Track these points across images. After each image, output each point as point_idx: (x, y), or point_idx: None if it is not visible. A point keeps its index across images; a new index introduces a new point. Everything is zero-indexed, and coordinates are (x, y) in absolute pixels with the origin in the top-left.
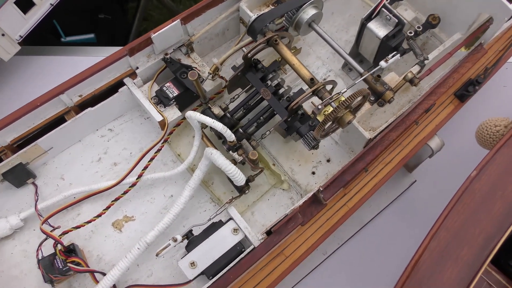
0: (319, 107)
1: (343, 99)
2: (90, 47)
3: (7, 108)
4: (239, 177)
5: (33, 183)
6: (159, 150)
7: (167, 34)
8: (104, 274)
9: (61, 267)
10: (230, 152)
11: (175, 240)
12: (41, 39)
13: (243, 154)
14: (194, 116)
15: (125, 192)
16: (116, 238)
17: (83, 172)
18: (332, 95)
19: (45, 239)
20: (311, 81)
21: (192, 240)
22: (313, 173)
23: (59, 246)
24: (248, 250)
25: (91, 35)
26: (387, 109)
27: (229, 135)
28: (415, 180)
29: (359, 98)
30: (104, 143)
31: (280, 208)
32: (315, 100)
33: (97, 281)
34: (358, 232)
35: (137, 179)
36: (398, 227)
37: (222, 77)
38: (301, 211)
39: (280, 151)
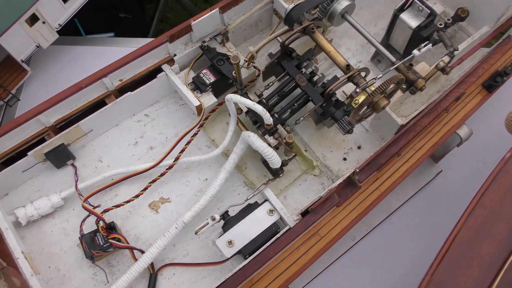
0: (357, 90)
1: (372, 89)
2: (122, 38)
3: (42, 94)
4: (276, 160)
5: (73, 165)
6: (195, 134)
7: (205, 22)
8: (142, 252)
9: (101, 243)
10: (266, 136)
11: (214, 219)
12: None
13: (278, 137)
14: (235, 98)
15: (162, 174)
16: (153, 218)
17: (121, 155)
18: (368, 80)
19: (87, 216)
20: (347, 68)
21: (228, 220)
22: (345, 159)
23: (101, 223)
24: (284, 230)
25: (111, 34)
26: (416, 99)
27: (268, 118)
28: (441, 170)
29: (393, 85)
30: (140, 128)
31: (312, 193)
32: (347, 89)
33: (135, 259)
34: (386, 219)
35: (174, 161)
36: (424, 216)
37: (255, 67)
38: (337, 192)
39: (312, 138)
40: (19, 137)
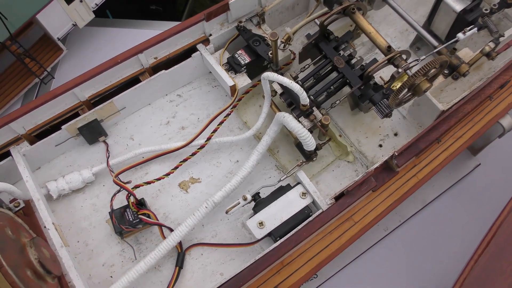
0: (400, 70)
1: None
2: (155, 21)
3: (76, 73)
4: (311, 141)
5: (104, 142)
6: (228, 114)
7: (243, 1)
8: (171, 230)
9: (131, 219)
10: (300, 118)
11: (245, 199)
12: None
13: (314, 119)
14: (271, 76)
15: (193, 154)
16: (182, 198)
17: (152, 134)
18: (410, 62)
19: (118, 191)
20: (388, 49)
21: (259, 202)
22: (380, 145)
23: (131, 198)
24: (317, 213)
25: None
26: (457, 87)
27: (304, 98)
28: (479, 164)
29: (434, 69)
30: (172, 108)
31: (345, 179)
32: (384, 75)
33: (164, 236)
34: (420, 211)
35: (206, 141)
36: (459, 210)
37: (291, 50)
38: (374, 176)
39: (347, 123)
40: (54, 110)
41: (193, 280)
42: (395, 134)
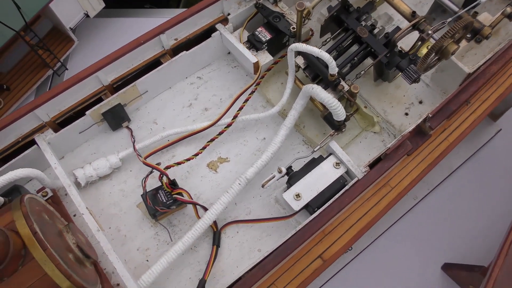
0: (429, 32)
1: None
2: (165, 9)
3: (87, 64)
4: (341, 111)
5: (127, 127)
6: (252, 92)
7: None
8: (205, 209)
9: (164, 200)
10: (328, 90)
11: (280, 171)
12: None
13: (342, 89)
14: (301, 46)
15: (220, 133)
16: (212, 178)
17: (175, 117)
18: (436, 25)
19: (150, 172)
20: (413, 15)
21: (293, 175)
22: (406, 114)
23: (164, 179)
24: (353, 181)
25: None
26: (477, 52)
27: (334, 66)
28: (501, 129)
29: (461, 30)
30: (193, 90)
31: (373, 150)
32: (404, 46)
33: (198, 216)
34: (447, 179)
35: (232, 119)
36: (485, 176)
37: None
38: (408, 139)
39: (371, 94)
40: (77, 96)
41: (231, 258)
42: (420, 102)
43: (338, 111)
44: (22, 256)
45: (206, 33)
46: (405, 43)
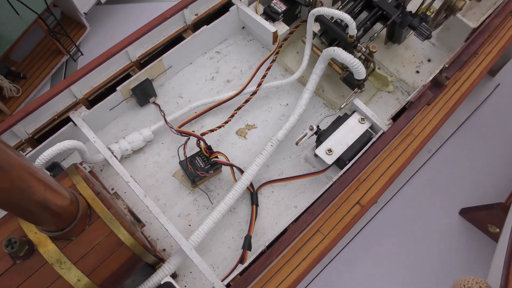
0: None
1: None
2: None
3: (100, 51)
4: (362, 69)
5: (154, 103)
6: (273, 60)
7: None
8: (241, 171)
9: (202, 165)
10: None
11: (312, 129)
12: None
13: (361, 50)
14: (323, 10)
15: (246, 101)
16: (242, 144)
17: (199, 90)
18: None
19: (188, 139)
20: None
21: (322, 133)
22: (417, 72)
23: (202, 144)
24: (379, 133)
25: None
26: (476, 11)
27: (354, 27)
28: (499, 84)
29: None
30: (214, 64)
31: (389, 107)
32: (409, 7)
33: (235, 179)
34: (456, 131)
35: (257, 87)
36: (489, 129)
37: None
38: (429, 89)
39: (383, 56)
40: (107, 73)
41: (270, 216)
42: (429, 60)
43: (360, 69)
44: (88, 216)
45: (222, 9)
46: (411, 6)
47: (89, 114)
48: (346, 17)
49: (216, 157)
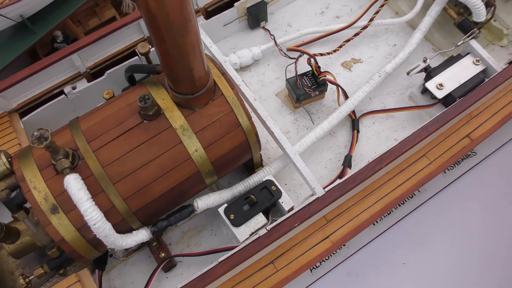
0: None
1: None
2: None
3: None
4: (483, 10)
5: (264, 28)
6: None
7: None
8: (346, 97)
9: (309, 84)
10: None
11: (425, 61)
12: None
13: None
14: None
15: (356, 34)
16: (347, 75)
17: (309, 22)
18: None
19: (299, 56)
20: None
21: (432, 69)
22: None
23: (312, 61)
24: (495, 74)
25: None
26: None
27: None
28: None
29: None
30: (324, 0)
31: (501, 61)
32: None
33: (339, 103)
34: None
35: (369, 21)
36: None
37: None
38: None
39: (501, 8)
40: None
41: (369, 144)
42: None
43: (481, 10)
44: (213, 91)
45: None
46: None
47: (206, 24)
48: None
49: (325, 76)
